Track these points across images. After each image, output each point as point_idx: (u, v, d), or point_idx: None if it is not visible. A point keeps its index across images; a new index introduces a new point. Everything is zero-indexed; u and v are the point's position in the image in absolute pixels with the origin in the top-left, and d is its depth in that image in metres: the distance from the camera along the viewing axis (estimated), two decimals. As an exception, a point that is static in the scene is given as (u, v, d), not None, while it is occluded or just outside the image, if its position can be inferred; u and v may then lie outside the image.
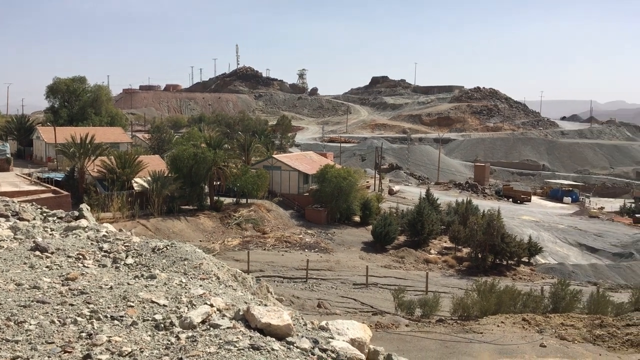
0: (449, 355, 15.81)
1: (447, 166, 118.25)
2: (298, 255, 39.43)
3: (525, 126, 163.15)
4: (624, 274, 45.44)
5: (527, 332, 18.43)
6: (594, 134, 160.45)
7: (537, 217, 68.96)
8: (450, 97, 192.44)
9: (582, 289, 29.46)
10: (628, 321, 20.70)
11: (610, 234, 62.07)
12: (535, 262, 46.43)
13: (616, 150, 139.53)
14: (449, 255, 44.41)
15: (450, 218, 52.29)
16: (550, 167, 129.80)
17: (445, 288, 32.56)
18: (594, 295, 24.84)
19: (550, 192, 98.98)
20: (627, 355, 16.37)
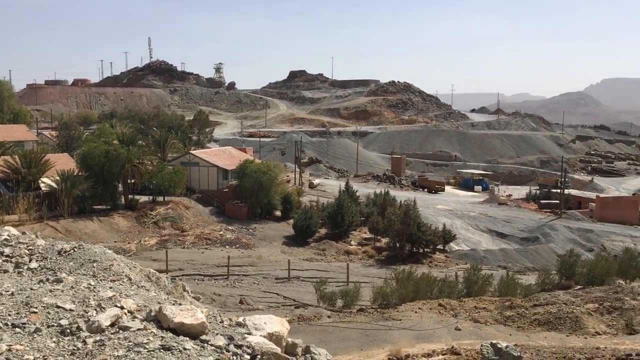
0: (370, 343, 16.14)
1: (366, 159, 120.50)
2: (219, 252, 38.89)
3: (438, 118, 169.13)
4: (531, 257, 48.22)
5: (443, 317, 19.13)
6: (501, 125, 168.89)
7: (450, 206, 71.70)
8: (367, 91, 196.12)
9: (493, 273, 30.99)
10: (535, 302, 21.98)
11: (518, 220, 65.63)
12: (449, 249, 48.30)
13: (522, 140, 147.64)
14: (368, 246, 45.32)
15: (369, 209, 53.32)
16: (461, 157, 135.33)
17: (365, 278, 33.19)
18: (504, 279, 26.20)
19: (462, 182, 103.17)
20: (535, 333, 17.36)
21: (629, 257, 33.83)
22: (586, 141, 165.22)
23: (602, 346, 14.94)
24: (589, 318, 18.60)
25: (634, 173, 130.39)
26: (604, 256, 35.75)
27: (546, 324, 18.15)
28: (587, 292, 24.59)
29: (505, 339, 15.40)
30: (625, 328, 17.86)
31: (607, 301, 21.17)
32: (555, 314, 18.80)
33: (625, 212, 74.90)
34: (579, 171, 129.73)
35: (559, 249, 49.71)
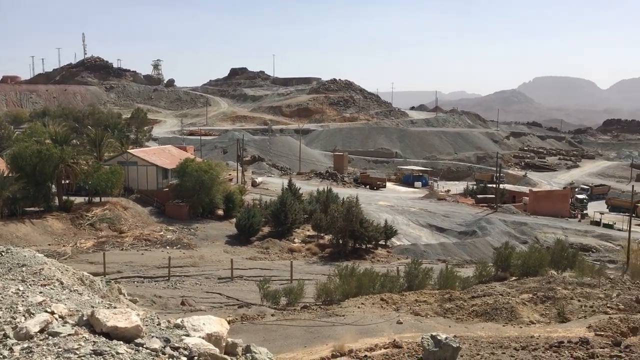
0: (314, 340, 16.17)
1: (308, 156, 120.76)
2: (159, 253, 38.04)
3: (379, 116, 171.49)
4: (469, 250, 49.68)
5: (385, 311, 19.41)
6: (439, 122, 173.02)
7: (392, 202, 72.89)
8: (309, 89, 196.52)
9: (433, 266, 31.69)
10: (473, 293, 22.63)
11: (456, 214, 67.47)
12: (391, 244, 49.10)
13: (459, 137, 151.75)
14: (312, 243, 45.45)
15: (312, 207, 53.48)
16: (402, 154, 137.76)
17: (309, 275, 33.28)
18: (443, 272, 26.86)
19: (403, 178, 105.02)
20: (473, 324, 17.87)
21: (561, 249, 35.42)
22: (519, 137, 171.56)
23: (536, 335, 15.54)
24: (524, 308, 19.31)
25: (565, 168, 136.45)
26: (537, 248, 37.26)
27: (483, 314, 18.72)
28: (521, 283, 25.55)
29: (445, 330, 15.78)
30: (557, 316, 18.64)
31: (541, 291, 22.05)
32: (492, 305, 19.41)
33: (557, 205, 78.35)
34: (513, 166, 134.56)
35: (495, 241, 51.43)
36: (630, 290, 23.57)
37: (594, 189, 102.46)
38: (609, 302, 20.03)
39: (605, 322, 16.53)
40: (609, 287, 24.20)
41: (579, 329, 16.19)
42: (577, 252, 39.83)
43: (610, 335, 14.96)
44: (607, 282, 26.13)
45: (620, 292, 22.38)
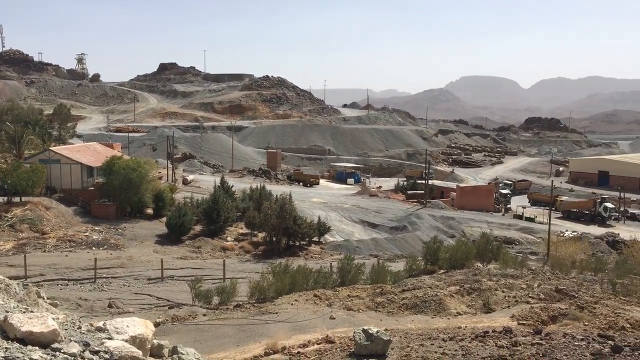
0: (247, 338, 16.04)
1: (241, 153, 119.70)
2: (85, 255, 36.61)
3: (312, 113, 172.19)
4: (400, 245, 50.77)
5: (318, 307, 19.51)
6: (371, 119, 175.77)
7: (325, 199, 73.41)
8: (241, 86, 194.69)
9: (365, 261, 32.19)
10: (403, 287, 23.15)
11: (387, 210, 68.78)
12: (324, 240, 49.46)
13: (390, 134, 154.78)
14: (245, 241, 45.08)
15: (245, 204, 53.03)
16: (335, 151, 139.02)
17: (242, 274, 32.98)
18: (375, 267, 27.30)
19: (336, 175, 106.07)
20: (404, 317, 18.26)
21: (486, 242, 36.80)
22: (447, 135, 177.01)
23: (463, 325, 16.07)
24: (451, 300, 19.93)
25: (489, 164, 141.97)
26: (464, 241, 38.56)
27: (413, 307, 19.18)
28: (449, 276, 26.36)
29: (376, 324, 16.05)
30: (483, 307, 19.37)
31: (467, 283, 22.83)
32: (422, 297, 19.92)
33: (482, 199, 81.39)
34: (442, 163, 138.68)
35: (424, 236, 52.78)
36: (550, 281, 24.82)
37: (517, 184, 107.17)
38: (530, 293, 21.00)
39: (527, 311, 17.31)
40: (530, 277, 25.38)
41: (503, 319, 16.87)
42: (501, 245, 41.54)
43: (532, 324, 15.69)
44: (529, 273, 27.40)
45: (541, 283, 23.51)
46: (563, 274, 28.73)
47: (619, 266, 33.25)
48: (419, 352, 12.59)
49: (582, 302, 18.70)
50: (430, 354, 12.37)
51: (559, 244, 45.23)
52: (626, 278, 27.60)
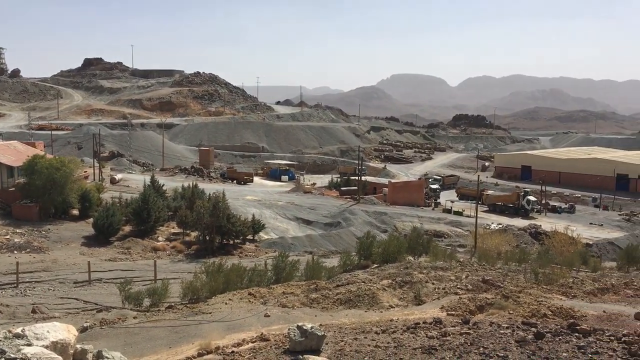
0: (179, 340, 15.71)
1: (172, 151, 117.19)
2: (6, 259, 34.77)
3: (245, 110, 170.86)
4: (334, 241, 51.27)
5: (253, 306, 19.38)
6: (304, 117, 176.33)
7: (259, 196, 73.03)
8: (171, 82, 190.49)
9: (300, 258, 32.26)
10: (338, 282, 23.35)
11: (322, 207, 69.25)
12: (259, 238, 49.22)
13: (323, 131, 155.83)
14: (177, 241, 44.18)
15: (177, 203, 51.98)
16: (269, 148, 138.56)
17: (174, 274, 32.30)
18: (309, 263, 27.40)
19: (270, 172, 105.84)
20: (338, 312, 18.43)
21: (416, 236, 37.73)
22: (379, 132, 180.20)
23: (395, 318, 16.40)
24: (384, 293, 20.30)
25: (420, 160, 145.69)
26: (396, 236, 39.37)
27: (347, 302, 19.39)
28: (382, 270, 26.82)
29: (310, 320, 16.11)
30: (414, 299, 19.83)
31: (399, 276, 23.31)
32: (355, 292, 20.17)
33: (413, 195, 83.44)
34: (374, 159, 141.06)
35: (358, 231, 53.54)
36: (478, 272, 25.74)
37: (446, 179, 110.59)
38: (459, 284, 21.70)
39: (455, 302, 17.88)
40: (459, 269, 26.20)
41: (433, 310, 17.35)
42: (431, 238, 42.79)
43: (460, 314, 16.21)
44: (458, 265, 28.29)
45: (468, 274, 24.33)
46: (489, 265, 29.86)
47: (541, 256, 34.95)
48: (353, 345, 12.75)
49: (507, 291, 19.49)
50: (363, 347, 12.54)
51: (485, 236, 47.00)
52: (548, 268, 29.05)
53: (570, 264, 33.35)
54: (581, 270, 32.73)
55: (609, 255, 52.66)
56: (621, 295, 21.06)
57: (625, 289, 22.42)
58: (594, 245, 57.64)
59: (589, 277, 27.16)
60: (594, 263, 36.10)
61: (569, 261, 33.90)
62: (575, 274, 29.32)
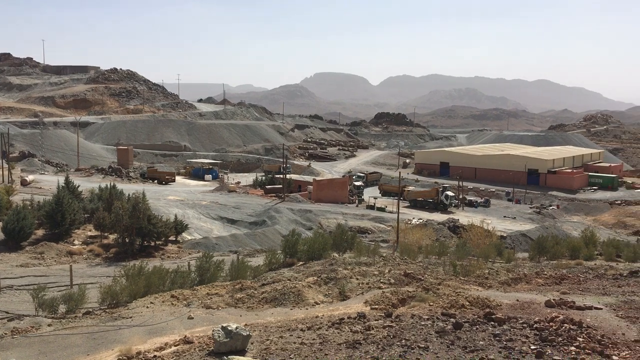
0: (98, 346, 15.12)
1: (88, 151, 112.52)
2: None
3: (166, 108, 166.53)
4: (259, 239, 50.98)
5: (175, 308, 18.95)
6: (228, 115, 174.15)
7: (182, 196, 71.50)
8: (86, 78, 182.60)
9: (225, 258, 31.88)
10: (263, 281, 23.27)
11: (246, 206, 68.71)
12: (182, 239, 48.17)
13: (247, 130, 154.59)
14: (95, 244, 42.38)
15: (94, 205, 49.88)
16: (191, 147, 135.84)
17: (92, 278, 30.99)
18: (234, 263, 27.11)
19: (193, 171, 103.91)
20: (263, 311, 18.36)
21: (341, 232, 38.23)
22: (303, 130, 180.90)
23: (320, 314, 16.53)
24: (309, 290, 20.42)
25: (344, 157, 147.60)
26: (321, 233, 39.69)
27: (273, 300, 19.36)
28: (307, 267, 26.97)
29: (236, 320, 15.97)
30: (339, 295, 20.08)
31: (324, 273, 23.52)
32: (281, 290, 20.17)
33: (337, 192, 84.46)
34: (299, 157, 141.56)
35: (283, 229, 53.55)
36: (400, 266, 26.41)
37: (369, 176, 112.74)
38: (382, 278, 22.17)
39: (379, 296, 18.26)
40: (382, 264, 26.78)
41: (357, 305, 17.64)
42: (355, 234, 43.43)
43: (383, 308, 16.57)
44: (381, 260, 28.91)
45: (391, 268, 24.91)
46: (411, 259, 30.73)
47: (459, 249, 36.35)
48: (279, 344, 12.74)
49: (427, 284, 20.13)
50: (289, 345, 12.56)
51: (406, 231, 48.32)
52: (465, 260, 30.27)
53: (486, 255, 34.91)
54: (496, 262, 34.34)
55: (521, 247, 55.57)
56: (533, 284, 22.25)
57: (537, 278, 23.72)
58: (507, 237, 60.61)
59: (503, 268, 28.54)
60: (508, 254, 37.94)
61: (485, 253, 35.48)
62: (491, 265, 30.71)
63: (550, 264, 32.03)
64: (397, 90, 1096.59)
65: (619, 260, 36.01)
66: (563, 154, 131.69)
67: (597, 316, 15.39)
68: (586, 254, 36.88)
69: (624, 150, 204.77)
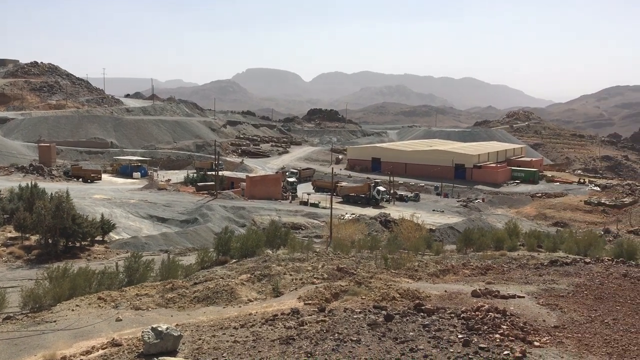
0: (20, 352, 14.42)
1: (7, 148, 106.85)
2: None
3: (90, 103, 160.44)
4: (191, 238, 50.08)
5: (103, 310, 18.34)
6: (157, 110, 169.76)
7: (109, 195, 69.17)
8: (4, 72, 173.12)
9: (155, 258, 31.11)
10: (195, 280, 22.88)
11: (177, 204, 67.32)
12: (109, 239, 46.64)
13: (177, 126, 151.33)
14: (15, 246, 40.25)
15: (14, 205, 47.37)
16: (118, 144, 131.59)
17: (13, 282, 29.46)
18: (165, 262, 26.51)
19: (120, 169, 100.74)
20: (195, 310, 18.07)
21: (274, 229, 38.15)
22: (236, 126, 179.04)
23: (253, 312, 16.45)
24: (243, 288, 20.26)
25: (277, 154, 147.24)
26: (254, 230, 39.43)
27: (205, 299, 19.08)
28: (240, 265, 26.76)
29: (166, 321, 15.62)
30: (272, 292, 20.03)
31: (258, 270, 23.42)
32: (213, 288, 19.90)
33: (271, 188, 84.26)
34: (231, 154, 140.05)
35: (216, 227, 52.84)
36: (333, 261, 26.66)
37: (302, 172, 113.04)
38: (315, 273, 22.31)
39: (312, 291, 18.35)
40: (315, 259, 26.94)
41: (291, 301, 17.66)
42: (289, 230, 43.46)
43: (317, 303, 16.68)
44: (314, 255, 29.08)
45: (324, 263, 25.11)
46: (344, 253, 31.09)
47: (390, 243, 37.11)
48: (211, 343, 12.58)
49: (359, 278, 20.43)
50: (221, 344, 12.42)
51: (340, 226, 48.77)
52: (396, 253, 30.92)
53: (416, 248, 35.82)
54: (426, 254, 35.31)
55: (449, 239, 57.39)
56: (460, 275, 23.03)
57: (464, 269, 24.57)
58: (436, 230, 62.44)
59: (432, 260, 29.40)
60: (437, 247, 39.09)
61: (415, 246, 36.38)
62: (421, 257, 31.55)
63: (476, 255, 33.25)
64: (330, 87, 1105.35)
65: (540, 250, 37.87)
66: (488, 149, 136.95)
67: (520, 304, 16.12)
68: (510, 245, 38.52)
69: (544, 145, 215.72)
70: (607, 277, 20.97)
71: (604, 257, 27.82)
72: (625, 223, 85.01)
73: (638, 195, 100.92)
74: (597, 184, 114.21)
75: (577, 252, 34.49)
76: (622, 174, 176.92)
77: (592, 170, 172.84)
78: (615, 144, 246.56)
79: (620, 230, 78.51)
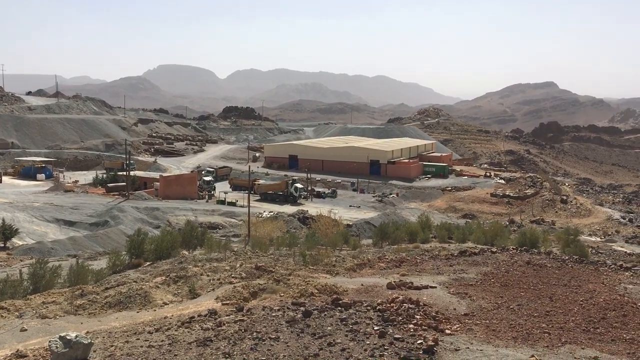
0: None
1: None
2: None
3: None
4: (102, 241, 48.10)
5: (6, 321, 17.22)
6: (62, 108, 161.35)
7: (10, 199, 65.07)
8: None
9: (62, 263, 29.61)
10: (107, 285, 21.97)
11: (86, 206, 64.36)
12: (12, 245, 43.97)
13: (85, 125, 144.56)
14: None
15: None
16: (20, 144, 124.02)
17: None
18: (73, 268, 25.28)
19: (23, 171, 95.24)
20: (107, 316, 17.36)
21: (190, 229, 37.36)
22: (148, 124, 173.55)
23: (169, 315, 16.02)
24: (157, 291, 19.68)
25: (192, 152, 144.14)
26: (169, 231, 38.46)
27: (117, 304, 18.37)
28: (155, 267, 26.02)
29: (75, 328, 14.91)
30: (189, 294, 19.60)
31: (174, 272, 22.84)
32: (126, 293, 19.20)
33: (186, 188, 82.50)
34: (143, 153, 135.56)
35: (128, 229, 51.06)
36: (251, 259, 26.49)
37: (219, 170, 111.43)
38: (233, 273, 22.07)
39: (230, 291, 18.13)
40: (233, 259, 26.66)
41: (208, 302, 17.36)
42: (206, 230, 42.74)
43: (235, 303, 16.49)
44: (232, 254, 28.77)
45: (243, 262, 24.90)
46: (262, 252, 30.97)
47: (308, 239, 37.36)
48: (124, 349, 12.13)
49: (278, 275, 20.42)
50: (135, 349, 12.01)
51: (258, 224, 48.57)
52: (314, 249, 31.19)
53: (334, 244, 36.32)
54: (343, 249, 35.87)
55: (366, 234, 58.66)
56: (376, 269, 23.58)
57: (379, 262, 25.17)
58: (353, 225, 63.61)
59: (349, 255, 29.91)
60: (354, 242, 39.82)
61: (333, 242, 36.88)
62: (338, 253, 32.01)
63: (391, 248, 34.18)
64: (245, 84, 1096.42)
65: (450, 242, 39.53)
66: (401, 145, 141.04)
67: (432, 294, 16.74)
68: (422, 237, 39.92)
69: (453, 141, 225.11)
70: (512, 265, 22.22)
71: (509, 247, 29.47)
72: (528, 213, 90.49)
73: (539, 187, 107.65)
74: (502, 177, 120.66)
75: (485, 242, 36.27)
76: (525, 167, 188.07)
77: (497, 164, 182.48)
78: (517, 138, 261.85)
79: (523, 220, 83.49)
